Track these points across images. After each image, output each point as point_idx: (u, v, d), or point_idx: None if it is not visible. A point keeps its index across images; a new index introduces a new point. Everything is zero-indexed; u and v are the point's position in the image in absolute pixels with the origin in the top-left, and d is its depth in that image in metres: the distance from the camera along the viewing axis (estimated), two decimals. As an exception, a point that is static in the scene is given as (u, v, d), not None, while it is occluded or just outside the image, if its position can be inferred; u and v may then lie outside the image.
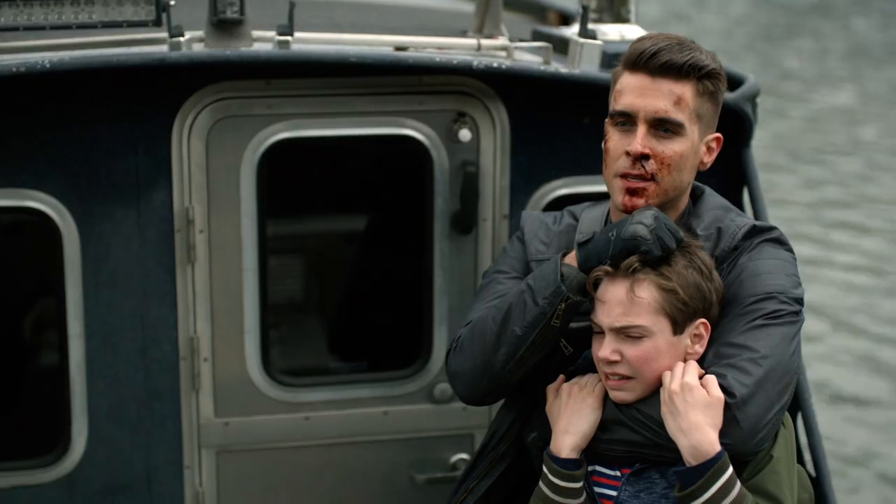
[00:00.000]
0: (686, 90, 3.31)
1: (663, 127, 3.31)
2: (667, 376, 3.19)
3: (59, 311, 4.27)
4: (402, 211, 4.64)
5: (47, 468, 4.36)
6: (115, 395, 4.35)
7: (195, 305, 4.34)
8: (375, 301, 4.93)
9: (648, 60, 3.30)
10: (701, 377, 3.17)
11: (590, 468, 3.35)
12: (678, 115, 3.30)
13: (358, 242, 5.18)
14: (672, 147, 3.31)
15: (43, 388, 4.66)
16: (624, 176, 3.34)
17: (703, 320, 3.25)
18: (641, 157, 3.30)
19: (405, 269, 4.64)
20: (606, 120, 3.44)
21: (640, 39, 3.39)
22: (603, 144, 3.44)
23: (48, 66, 3.96)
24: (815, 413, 4.31)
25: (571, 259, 3.36)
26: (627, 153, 3.31)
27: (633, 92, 3.32)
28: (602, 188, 4.03)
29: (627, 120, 3.34)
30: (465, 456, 4.58)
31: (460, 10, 5.71)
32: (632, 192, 3.34)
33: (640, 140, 3.29)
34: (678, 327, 3.21)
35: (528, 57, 4.55)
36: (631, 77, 3.34)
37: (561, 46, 4.58)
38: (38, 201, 4.18)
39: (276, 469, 4.52)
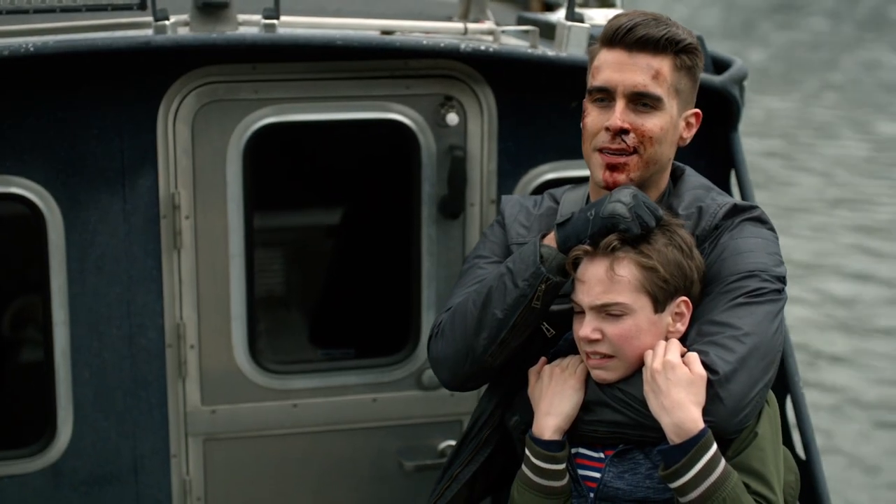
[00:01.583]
0: (664, 64, 3.30)
1: (642, 101, 3.29)
2: (648, 355, 3.17)
3: (43, 298, 4.24)
4: (390, 196, 4.61)
5: (32, 458, 4.33)
6: (100, 384, 4.32)
7: (181, 292, 4.31)
8: (362, 287, 4.90)
9: (625, 35, 3.29)
10: (683, 355, 3.14)
11: (573, 451, 3.32)
12: (656, 89, 3.29)
13: (345, 228, 5.16)
14: (651, 121, 3.30)
15: (28, 377, 4.64)
16: (602, 150, 3.32)
17: (685, 298, 3.23)
18: (621, 132, 3.28)
19: (392, 254, 4.62)
20: (585, 98, 3.42)
21: (616, 16, 3.38)
22: (581, 122, 3.42)
23: (32, 49, 3.93)
24: (803, 395, 4.28)
25: (551, 240, 3.34)
26: (607, 128, 3.30)
27: (610, 67, 3.31)
28: (588, 172, 4.00)
29: (606, 96, 3.33)
30: (453, 442, 4.54)
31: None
32: (612, 167, 3.32)
33: (618, 114, 3.28)
34: (659, 305, 3.19)
35: (514, 41, 4.53)
36: (608, 53, 3.33)
37: (547, 32, 4.56)
38: (22, 188, 4.15)
39: (264, 457, 4.50)
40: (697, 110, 3.45)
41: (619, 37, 3.30)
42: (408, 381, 4.54)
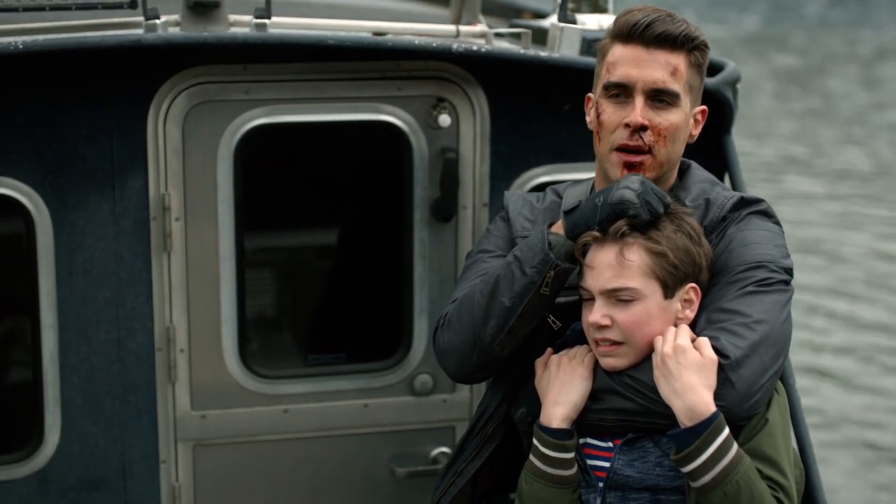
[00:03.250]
0: (680, 61, 3.30)
1: (659, 98, 3.29)
2: (658, 340, 3.15)
3: (31, 301, 4.18)
4: (381, 198, 4.58)
5: (19, 464, 4.26)
6: (89, 388, 4.26)
7: (171, 295, 4.26)
8: (354, 291, 4.86)
9: (644, 31, 3.28)
10: (693, 341, 3.12)
11: (581, 441, 3.29)
12: (674, 86, 3.29)
13: (336, 230, 5.12)
14: (668, 118, 3.29)
15: (15, 381, 4.57)
16: (621, 148, 3.31)
17: (694, 285, 3.21)
18: (640, 129, 3.27)
19: (384, 258, 4.58)
20: (594, 94, 3.41)
21: (629, 12, 3.36)
22: (593, 118, 3.40)
23: (21, 48, 3.88)
24: (799, 397, 4.26)
25: (558, 228, 3.32)
26: (626, 125, 3.28)
27: (628, 63, 3.29)
28: (582, 175, 3.98)
29: (622, 92, 3.31)
30: (445, 449, 4.51)
31: (440, 15, 5.68)
32: (629, 166, 3.31)
33: (639, 111, 3.27)
34: (669, 291, 3.17)
35: (506, 45, 4.52)
36: (625, 49, 3.31)
37: (539, 37, 4.56)
38: (10, 188, 4.10)
39: (255, 463, 4.44)
40: (704, 107, 3.46)
41: (636, 32, 3.28)
42: (400, 386, 4.49)
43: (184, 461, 4.37)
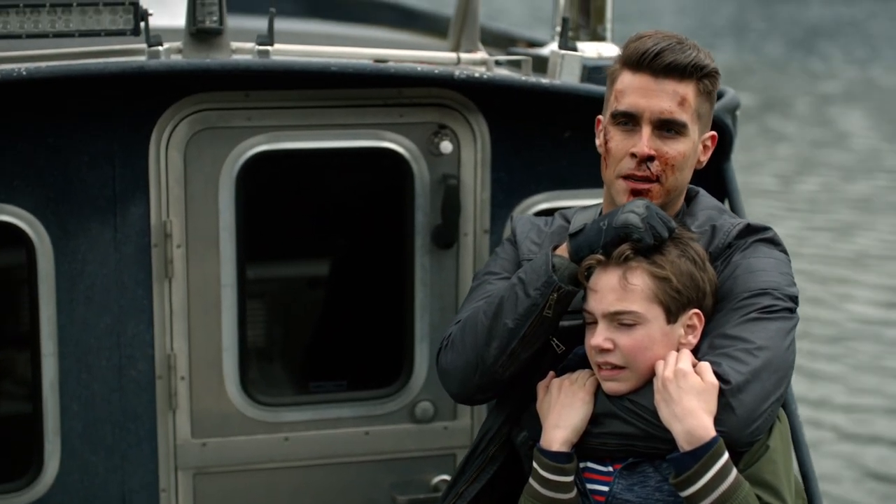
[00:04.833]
0: (689, 90, 3.30)
1: (667, 127, 3.29)
2: (660, 365, 3.15)
3: (31, 328, 4.16)
4: (383, 225, 4.58)
5: (19, 493, 4.23)
6: (89, 416, 4.24)
7: (172, 322, 4.25)
8: (354, 318, 4.86)
9: (652, 61, 3.27)
10: (694, 366, 3.12)
11: (581, 465, 3.28)
12: (682, 116, 3.29)
13: (338, 257, 5.12)
14: (676, 147, 3.30)
15: (14, 409, 4.55)
16: (628, 177, 3.31)
17: (697, 311, 3.21)
18: (647, 159, 3.28)
19: (385, 285, 4.58)
20: (603, 118, 3.42)
21: (640, 38, 3.35)
22: (601, 143, 3.41)
23: (24, 74, 3.89)
24: (801, 424, 4.24)
25: (563, 251, 3.33)
26: (633, 154, 3.29)
27: (636, 92, 3.29)
28: (584, 202, 3.99)
29: (630, 120, 3.31)
30: (446, 477, 4.47)
31: (437, 45, 5.69)
32: (636, 193, 3.31)
33: (646, 141, 3.27)
34: (672, 316, 3.17)
35: (506, 73, 4.53)
36: (633, 77, 3.31)
37: (538, 65, 4.57)
38: (10, 215, 4.09)
39: (255, 491, 4.42)
40: (713, 133, 3.46)
41: (645, 61, 3.28)
42: (401, 413, 4.48)
43: (184, 489, 4.35)
